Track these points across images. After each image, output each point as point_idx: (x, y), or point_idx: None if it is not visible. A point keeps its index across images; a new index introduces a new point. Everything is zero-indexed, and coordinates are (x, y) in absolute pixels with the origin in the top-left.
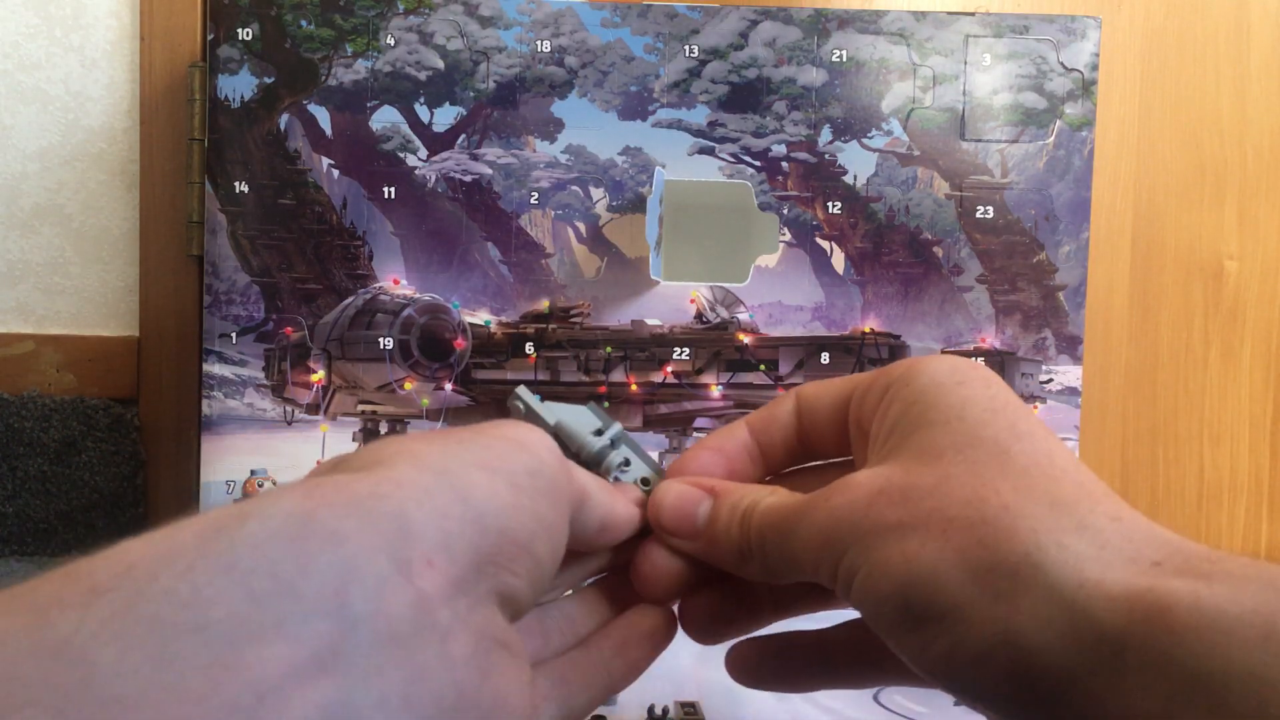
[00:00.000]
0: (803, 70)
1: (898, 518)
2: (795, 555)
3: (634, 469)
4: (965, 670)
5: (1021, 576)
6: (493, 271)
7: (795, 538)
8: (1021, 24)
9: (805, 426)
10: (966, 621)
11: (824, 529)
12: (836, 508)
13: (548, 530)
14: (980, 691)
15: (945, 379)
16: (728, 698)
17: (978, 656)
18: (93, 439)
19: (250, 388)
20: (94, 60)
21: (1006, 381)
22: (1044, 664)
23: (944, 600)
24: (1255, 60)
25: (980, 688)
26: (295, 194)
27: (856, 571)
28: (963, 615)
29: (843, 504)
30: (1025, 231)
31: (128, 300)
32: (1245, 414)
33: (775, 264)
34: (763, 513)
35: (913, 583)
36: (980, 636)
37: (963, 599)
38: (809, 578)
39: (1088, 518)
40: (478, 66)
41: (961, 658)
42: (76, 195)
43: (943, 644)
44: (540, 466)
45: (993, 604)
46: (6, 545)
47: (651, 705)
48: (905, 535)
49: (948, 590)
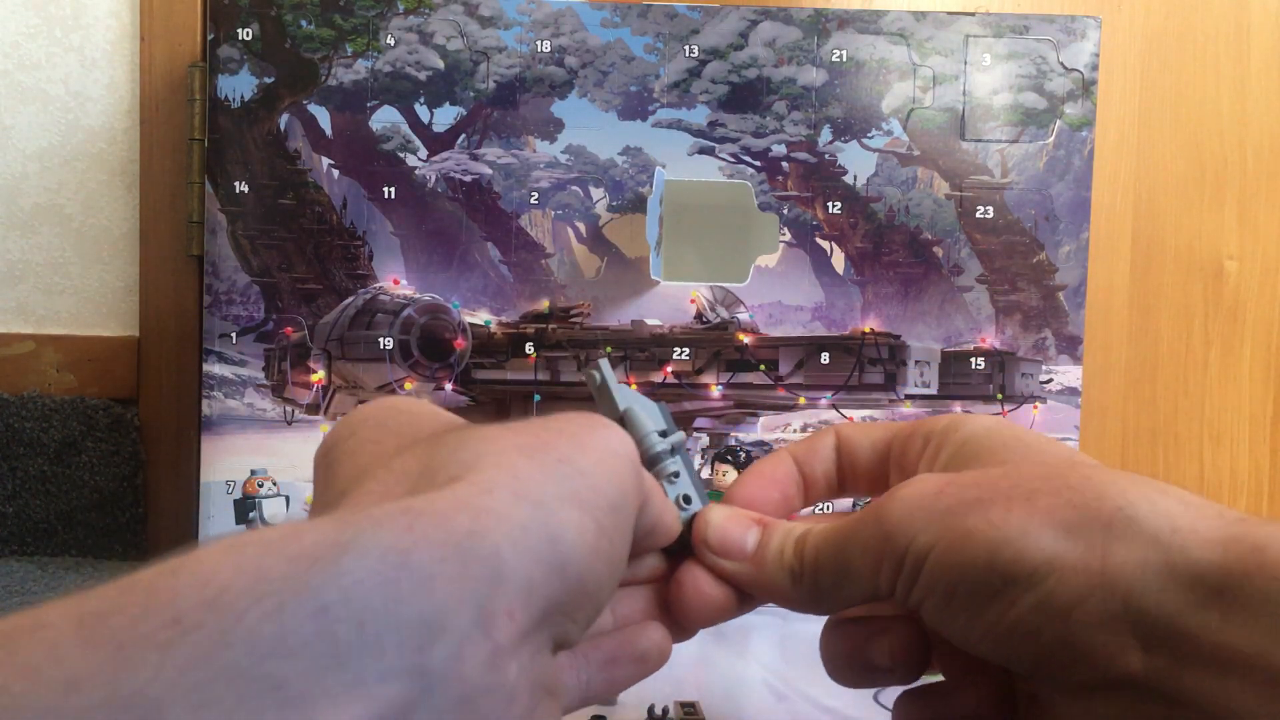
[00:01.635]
0: (803, 70)
1: (975, 495)
2: (852, 564)
3: (680, 484)
4: (1052, 624)
5: (1115, 527)
6: (493, 271)
7: (855, 543)
8: (1021, 24)
9: (845, 464)
10: (1059, 572)
11: (890, 522)
12: (905, 498)
13: (616, 572)
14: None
15: (992, 424)
16: (728, 698)
17: (1070, 604)
18: (93, 439)
19: (250, 388)
20: (94, 60)
21: (1006, 381)
22: (1141, 605)
23: (1035, 556)
24: (1255, 60)
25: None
26: (295, 194)
27: (928, 551)
28: (1054, 568)
29: (910, 494)
30: (1025, 231)
31: (128, 300)
32: (1245, 414)
33: (775, 264)
34: (818, 533)
35: (1001, 544)
36: (1075, 585)
37: (1055, 552)
38: (862, 589)
39: (1167, 489)
40: (478, 66)
41: (1052, 608)
42: (76, 195)
43: (1031, 599)
44: (623, 500)
45: (1086, 554)
46: (6, 545)
47: (651, 705)
48: (987, 507)
49: (1040, 546)
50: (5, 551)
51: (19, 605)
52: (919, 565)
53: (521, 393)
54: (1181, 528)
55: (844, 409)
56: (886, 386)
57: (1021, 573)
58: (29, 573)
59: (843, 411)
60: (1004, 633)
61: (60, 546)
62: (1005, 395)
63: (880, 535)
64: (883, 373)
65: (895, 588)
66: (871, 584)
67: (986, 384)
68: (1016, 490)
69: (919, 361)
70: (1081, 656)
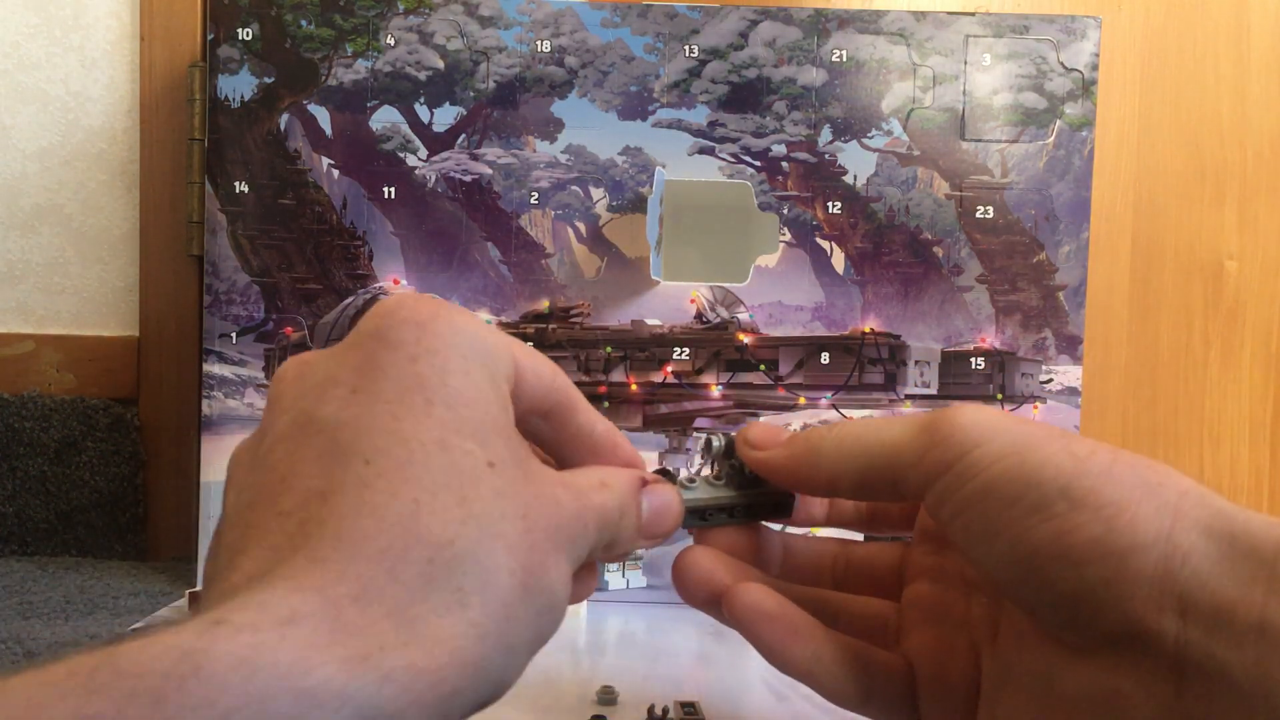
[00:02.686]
0: (803, 70)
1: (1060, 433)
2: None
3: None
4: (1106, 560)
5: (1189, 496)
6: (493, 271)
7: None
8: (1021, 24)
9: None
10: (1131, 517)
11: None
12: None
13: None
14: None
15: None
16: (728, 698)
17: (1130, 548)
18: (93, 439)
19: (250, 388)
20: (94, 60)
21: (1006, 381)
22: (1197, 569)
23: (1113, 494)
24: (1255, 60)
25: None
26: (295, 194)
27: (997, 460)
28: (1127, 511)
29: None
30: (1025, 231)
31: (128, 300)
32: (1245, 414)
33: (775, 264)
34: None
35: (1082, 474)
36: (1143, 531)
37: (1133, 499)
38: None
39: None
40: (478, 66)
41: (1113, 545)
42: (76, 195)
43: (1096, 530)
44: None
45: (1160, 510)
46: (6, 545)
47: (651, 705)
48: (1071, 442)
49: (1120, 488)
50: (5, 551)
51: (19, 605)
52: (977, 471)
53: None
54: (1245, 509)
55: (844, 409)
56: (886, 386)
57: (1093, 503)
58: (29, 573)
59: (843, 411)
60: (1051, 556)
61: (60, 546)
62: (1005, 395)
63: (937, 430)
64: (883, 373)
65: (934, 485)
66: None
67: (986, 384)
68: (1099, 444)
69: (919, 361)
70: (1117, 601)
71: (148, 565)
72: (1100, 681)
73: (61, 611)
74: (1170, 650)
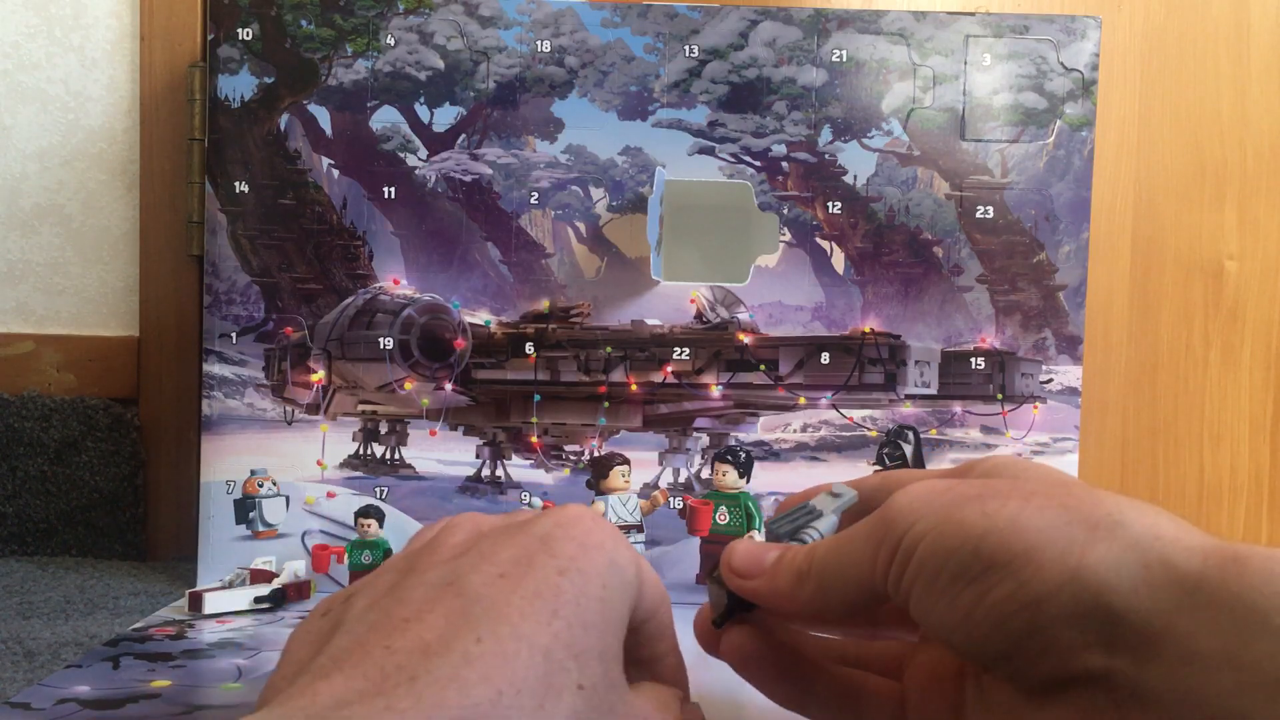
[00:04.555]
0: (803, 70)
1: (976, 493)
2: (855, 555)
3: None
4: (1023, 612)
5: (1101, 529)
6: (493, 271)
7: (858, 535)
8: (1021, 24)
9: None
10: (1037, 564)
11: (893, 511)
12: (909, 492)
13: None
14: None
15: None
16: (728, 698)
17: (1042, 595)
18: (93, 439)
19: (250, 388)
20: (94, 60)
21: (1006, 381)
22: (1111, 603)
23: (1016, 545)
24: (1255, 60)
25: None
26: (295, 194)
27: (922, 538)
28: (1032, 559)
29: (915, 489)
30: (1025, 231)
31: (128, 300)
32: (1245, 414)
33: (775, 264)
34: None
35: (989, 532)
36: (1049, 577)
37: (1037, 545)
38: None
39: (1164, 512)
40: (478, 66)
41: (1025, 597)
42: (76, 195)
43: (1007, 587)
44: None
45: (1066, 550)
46: (6, 545)
47: None
48: (984, 501)
49: (1024, 537)
50: (5, 551)
51: (19, 605)
52: (912, 551)
53: (521, 393)
54: (1164, 536)
55: (844, 409)
56: (886, 386)
57: (1001, 560)
58: (29, 573)
59: (843, 411)
60: (979, 619)
61: (60, 546)
62: (1005, 395)
63: (883, 524)
64: (883, 373)
65: (889, 576)
66: (870, 572)
67: (986, 384)
68: (1015, 490)
69: (919, 361)
70: (1046, 649)
71: (148, 565)
72: (1053, 717)
73: (61, 611)
74: (1102, 684)
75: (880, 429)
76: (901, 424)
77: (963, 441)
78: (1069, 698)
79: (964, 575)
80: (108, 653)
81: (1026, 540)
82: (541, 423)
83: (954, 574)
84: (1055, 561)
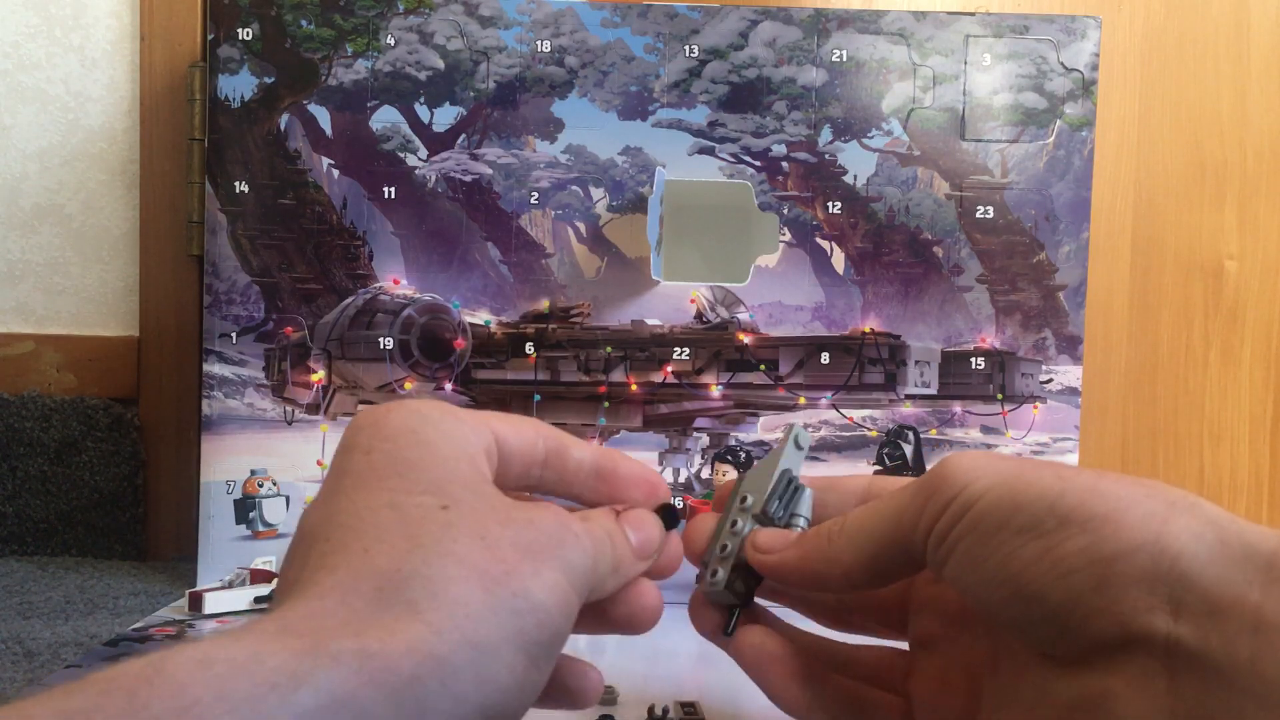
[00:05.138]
0: (803, 70)
1: (1042, 460)
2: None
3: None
4: (1093, 567)
5: (1179, 505)
6: (493, 271)
7: (899, 497)
8: (1021, 24)
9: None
10: (1116, 524)
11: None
12: (965, 455)
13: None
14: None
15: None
16: (728, 698)
17: (1117, 554)
18: (93, 439)
19: (250, 388)
20: (94, 60)
21: (1006, 381)
22: (1188, 570)
23: (1099, 507)
24: (1255, 60)
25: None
26: (295, 194)
27: (983, 494)
28: (1113, 519)
29: (970, 454)
30: (1025, 231)
31: (128, 300)
32: (1245, 414)
33: (775, 264)
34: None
35: (1066, 493)
36: (1129, 538)
37: (1118, 509)
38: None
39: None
40: (478, 66)
41: (1099, 553)
42: (76, 195)
43: (1082, 541)
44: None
45: (1148, 516)
46: (6, 545)
47: (651, 705)
48: (1056, 467)
49: (1106, 501)
50: (5, 551)
51: (19, 605)
52: (968, 506)
53: (521, 393)
54: (1238, 519)
55: (844, 409)
56: (886, 386)
57: (1078, 517)
58: (29, 573)
59: (843, 411)
60: (1041, 571)
61: (60, 546)
62: (1005, 395)
63: (934, 481)
64: (883, 373)
65: (932, 530)
66: (908, 529)
67: (986, 384)
68: (1083, 469)
69: (919, 361)
70: (1108, 607)
71: (148, 565)
72: (1092, 685)
73: (61, 611)
74: (1161, 648)
75: (880, 429)
76: (901, 424)
77: (963, 441)
78: (1116, 664)
79: (1033, 528)
80: (108, 653)
81: (1108, 504)
82: None
83: (1020, 527)
84: (1137, 525)
